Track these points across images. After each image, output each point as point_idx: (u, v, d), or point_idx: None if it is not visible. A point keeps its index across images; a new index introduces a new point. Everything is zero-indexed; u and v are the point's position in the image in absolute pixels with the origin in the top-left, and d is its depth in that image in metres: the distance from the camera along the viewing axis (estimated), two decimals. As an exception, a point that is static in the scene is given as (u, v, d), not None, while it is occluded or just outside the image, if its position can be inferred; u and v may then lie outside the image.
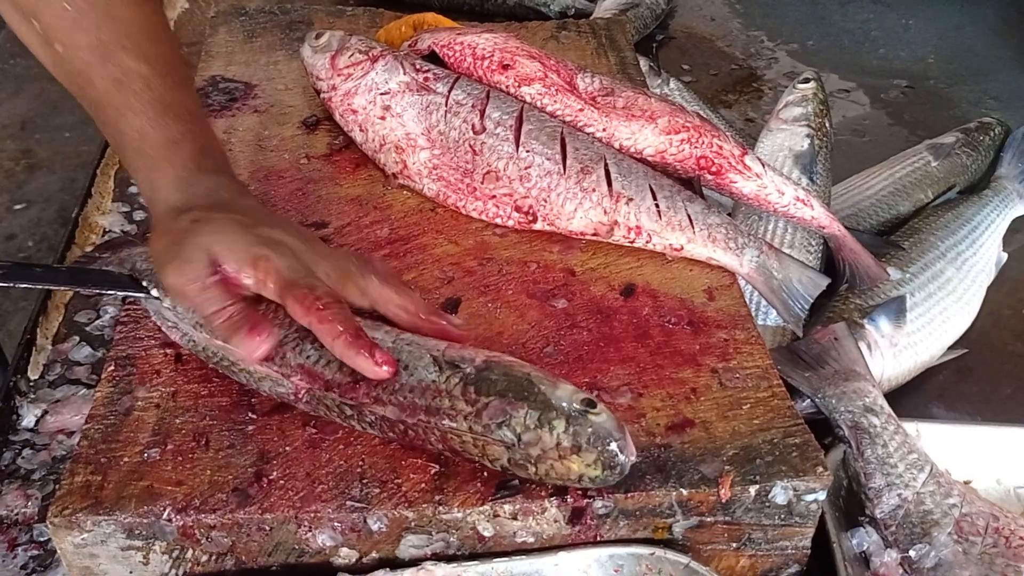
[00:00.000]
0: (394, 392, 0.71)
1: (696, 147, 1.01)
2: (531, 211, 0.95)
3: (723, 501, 0.72)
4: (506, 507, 0.70)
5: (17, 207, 2.58)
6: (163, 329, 0.82)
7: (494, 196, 0.95)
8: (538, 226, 0.95)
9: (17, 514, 0.83)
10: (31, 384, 0.93)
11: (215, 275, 0.72)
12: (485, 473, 0.72)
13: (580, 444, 0.67)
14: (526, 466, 0.68)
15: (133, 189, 1.18)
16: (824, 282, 0.98)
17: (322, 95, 1.05)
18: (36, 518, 0.82)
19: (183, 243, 0.74)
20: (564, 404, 0.68)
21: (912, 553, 0.79)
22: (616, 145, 1.01)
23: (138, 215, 1.14)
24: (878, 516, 0.82)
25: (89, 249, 1.04)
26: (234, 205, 0.78)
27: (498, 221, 0.96)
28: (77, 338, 0.98)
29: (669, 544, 0.74)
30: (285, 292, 0.72)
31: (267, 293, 0.73)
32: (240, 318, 0.72)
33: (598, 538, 0.73)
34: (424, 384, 0.70)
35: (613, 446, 0.67)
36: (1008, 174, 1.29)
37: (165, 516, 0.69)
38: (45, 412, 0.91)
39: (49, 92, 3.04)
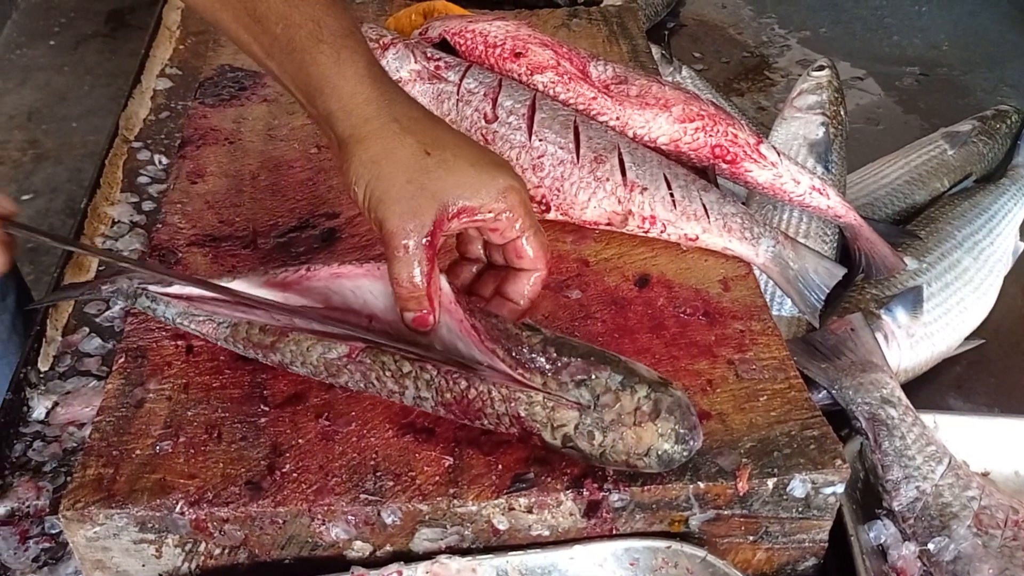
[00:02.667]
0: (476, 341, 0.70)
1: (711, 135, 0.99)
2: (544, 201, 0.94)
3: (740, 494, 0.72)
4: (521, 500, 0.70)
5: (25, 197, 2.59)
6: (185, 323, 0.79)
7: (506, 186, 0.94)
8: (551, 216, 0.94)
9: (28, 506, 0.82)
10: (41, 376, 0.93)
11: (431, 237, 0.71)
12: (500, 466, 0.71)
13: (660, 410, 0.66)
14: (592, 435, 0.66)
15: (142, 180, 1.17)
16: (840, 272, 0.97)
17: (332, 84, 1.04)
18: (48, 510, 0.82)
19: (418, 186, 0.71)
20: (645, 374, 0.68)
21: (931, 546, 0.78)
22: (630, 134, 1.00)
23: (147, 205, 1.13)
24: (896, 509, 0.81)
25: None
26: (437, 118, 0.77)
27: (510, 211, 0.95)
28: (87, 329, 0.98)
29: (685, 537, 0.73)
30: (531, 233, 0.74)
31: (511, 231, 0.73)
32: (421, 294, 0.71)
33: (614, 531, 0.72)
34: (507, 332, 0.70)
35: (692, 419, 0.67)
36: (1025, 162, 1.27)
37: (178, 509, 0.69)
38: (56, 404, 0.90)
39: (55, 83, 3.05)
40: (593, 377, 0.67)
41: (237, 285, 0.79)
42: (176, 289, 0.80)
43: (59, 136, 2.84)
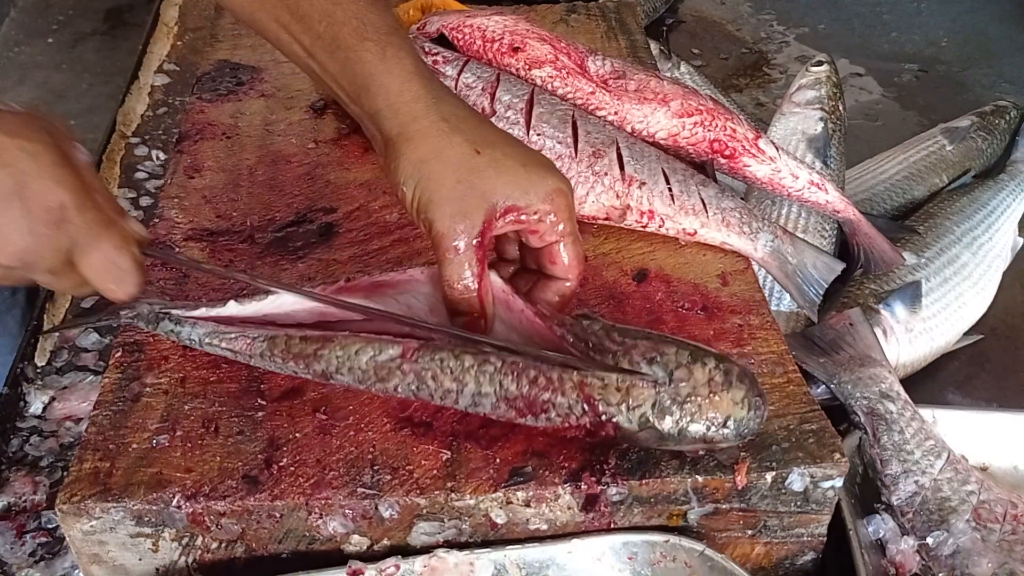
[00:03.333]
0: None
1: (709, 130, 0.99)
2: (542, 195, 0.93)
3: (739, 488, 0.71)
4: (519, 494, 0.70)
5: (23, 195, 2.58)
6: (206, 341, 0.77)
7: (504, 180, 0.94)
8: (549, 210, 0.94)
9: (25, 501, 0.82)
10: (38, 370, 0.93)
11: (481, 237, 0.70)
12: (498, 460, 0.71)
13: (731, 380, 0.66)
14: (671, 411, 0.66)
15: (139, 175, 1.17)
16: (839, 267, 0.97)
17: (330, 79, 1.04)
18: (44, 505, 0.82)
19: (468, 186, 0.70)
20: (708, 348, 0.68)
21: (929, 540, 0.78)
22: (628, 128, 0.99)
23: (144, 200, 1.12)
24: (895, 503, 0.81)
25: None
26: (483, 117, 0.77)
27: (509, 206, 0.95)
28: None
29: (684, 531, 0.73)
30: (570, 240, 0.73)
31: (551, 234, 0.73)
32: (473, 296, 0.71)
33: (612, 525, 0.72)
34: (568, 320, 0.70)
35: (759, 386, 0.68)
36: (1024, 158, 1.27)
37: (175, 503, 0.68)
38: (52, 399, 0.90)
39: (54, 80, 3.04)
40: (663, 354, 0.67)
41: (277, 303, 0.77)
42: (202, 312, 0.78)
43: (57, 134, 2.83)
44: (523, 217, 0.72)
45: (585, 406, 0.67)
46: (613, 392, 0.66)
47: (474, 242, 0.70)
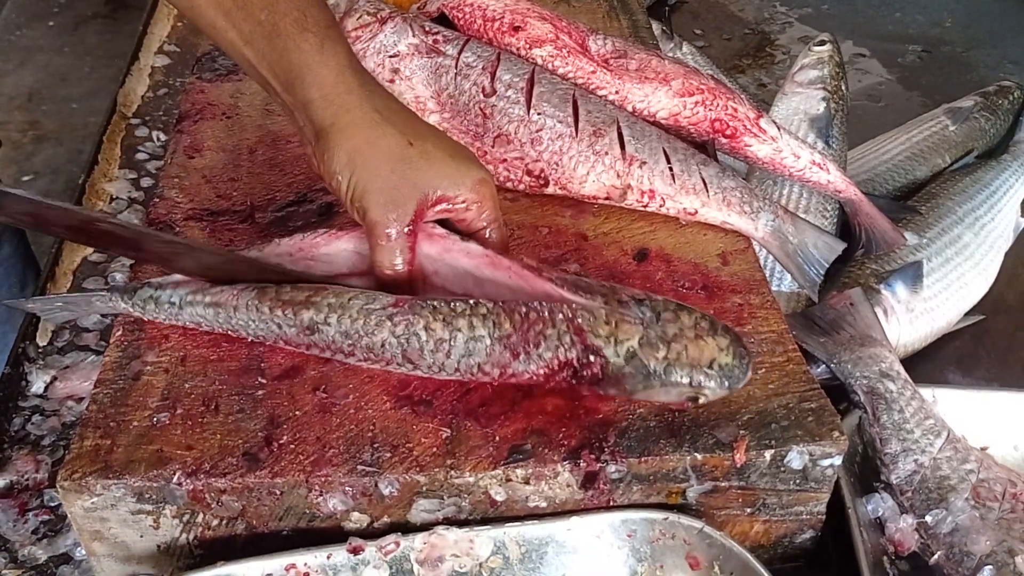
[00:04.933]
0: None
1: (710, 109, 0.99)
2: (543, 175, 0.93)
3: (738, 466, 0.71)
4: (518, 471, 0.70)
5: (25, 178, 2.58)
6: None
7: (505, 160, 0.94)
8: (550, 190, 0.94)
9: (27, 479, 0.83)
10: (40, 350, 0.93)
11: (413, 225, 0.74)
12: (497, 438, 0.71)
13: (717, 328, 0.69)
14: (657, 347, 0.67)
15: (140, 156, 1.17)
16: (840, 247, 0.97)
17: (330, 58, 1.03)
18: (46, 483, 0.82)
19: (401, 176, 0.74)
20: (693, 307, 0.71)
21: (928, 519, 0.78)
22: (629, 108, 0.99)
23: (145, 182, 1.13)
24: (894, 482, 0.81)
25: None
26: (412, 111, 0.80)
27: (509, 185, 0.95)
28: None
29: (683, 509, 0.73)
30: (496, 226, 0.78)
31: (479, 221, 0.77)
32: (404, 280, 0.75)
33: (611, 503, 0.73)
34: (559, 273, 0.73)
35: (744, 342, 0.69)
36: (1027, 138, 1.27)
37: (175, 480, 0.69)
38: (54, 378, 0.90)
39: (55, 64, 3.03)
40: (651, 299, 0.70)
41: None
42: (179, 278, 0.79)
43: (59, 117, 2.83)
44: (452, 206, 0.76)
45: (575, 336, 0.68)
46: (602, 325, 0.68)
47: (406, 230, 0.74)
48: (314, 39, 0.74)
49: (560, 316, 0.69)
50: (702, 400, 0.69)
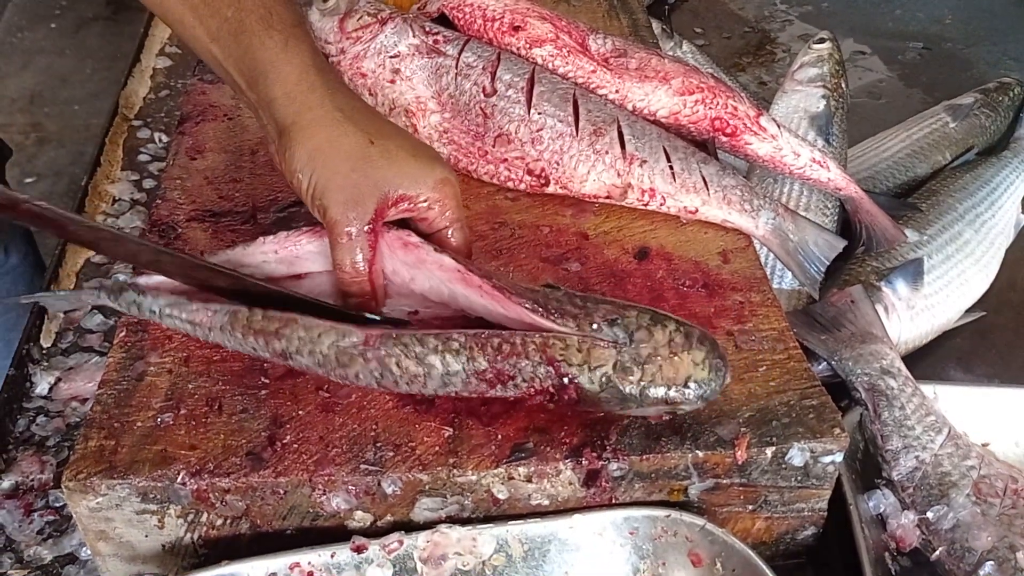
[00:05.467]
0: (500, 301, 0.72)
1: (710, 108, 0.99)
2: (543, 174, 0.94)
3: (739, 463, 0.72)
4: (520, 469, 0.70)
5: (28, 180, 2.59)
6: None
7: (506, 159, 0.94)
8: (550, 189, 0.94)
9: (32, 480, 0.83)
10: (44, 352, 0.93)
11: (373, 224, 0.74)
12: (499, 436, 0.72)
13: (692, 341, 0.68)
14: (631, 371, 0.67)
15: (142, 157, 1.17)
16: (840, 244, 0.97)
17: (331, 59, 1.04)
18: (51, 484, 0.83)
19: (362, 175, 0.73)
20: (669, 313, 0.70)
21: (930, 515, 0.78)
22: (629, 107, 0.99)
23: (147, 183, 1.13)
24: (895, 478, 0.81)
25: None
26: (375, 111, 0.80)
27: (510, 185, 0.95)
28: (89, 306, 0.98)
29: (685, 506, 0.73)
30: (458, 226, 0.77)
31: (441, 220, 0.77)
32: (364, 279, 0.75)
33: (613, 501, 0.73)
34: (530, 289, 0.72)
35: (719, 349, 0.69)
36: (1028, 135, 1.27)
37: (179, 480, 0.69)
38: (58, 379, 0.91)
39: (58, 66, 3.04)
40: (624, 316, 0.68)
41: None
42: (158, 281, 0.78)
43: (61, 119, 2.84)
44: (414, 205, 0.76)
45: (549, 368, 0.68)
46: (575, 353, 0.68)
47: (366, 228, 0.74)
48: (279, 36, 0.75)
49: (532, 347, 0.68)
50: (681, 413, 0.70)
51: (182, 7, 0.76)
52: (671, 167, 0.92)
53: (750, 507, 0.75)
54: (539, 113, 0.94)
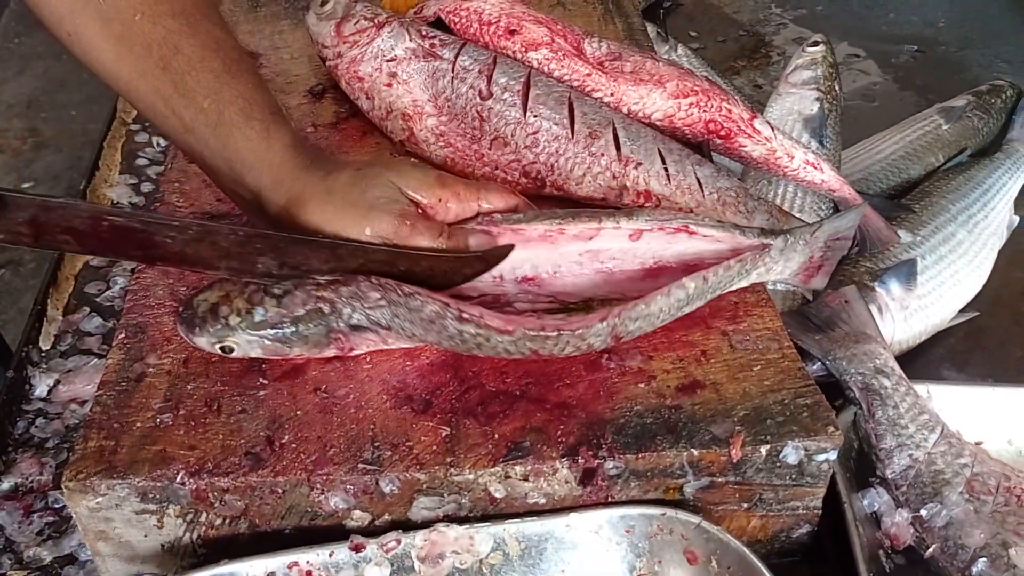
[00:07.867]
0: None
1: (705, 111, 1.00)
2: (539, 177, 0.94)
3: (734, 461, 0.72)
4: (517, 468, 0.71)
5: (25, 185, 2.59)
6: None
7: (502, 162, 0.95)
8: (546, 192, 0.95)
9: (32, 481, 0.83)
10: (43, 354, 0.94)
11: (418, 207, 0.77)
12: (496, 435, 0.72)
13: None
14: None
15: (140, 161, 1.18)
16: (834, 245, 0.97)
17: (328, 63, 1.05)
18: (51, 485, 0.83)
19: (373, 189, 0.76)
20: None
21: (923, 513, 0.79)
22: (624, 110, 1.00)
23: (145, 187, 1.14)
24: (889, 477, 0.82)
25: None
26: (352, 161, 0.85)
27: (506, 187, 0.96)
28: (88, 309, 0.99)
29: (680, 505, 0.74)
30: (484, 190, 0.83)
31: (469, 199, 0.81)
32: (463, 235, 0.79)
33: (609, 499, 0.73)
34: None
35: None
36: (1020, 137, 1.28)
37: (178, 480, 0.69)
38: (57, 382, 0.91)
39: (55, 70, 3.04)
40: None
41: None
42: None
43: (59, 124, 2.83)
44: (430, 211, 0.79)
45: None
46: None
47: (421, 212, 0.78)
48: (259, 126, 0.76)
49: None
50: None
51: (155, 98, 0.75)
52: (666, 169, 0.93)
53: (745, 505, 0.76)
54: (535, 116, 0.95)
